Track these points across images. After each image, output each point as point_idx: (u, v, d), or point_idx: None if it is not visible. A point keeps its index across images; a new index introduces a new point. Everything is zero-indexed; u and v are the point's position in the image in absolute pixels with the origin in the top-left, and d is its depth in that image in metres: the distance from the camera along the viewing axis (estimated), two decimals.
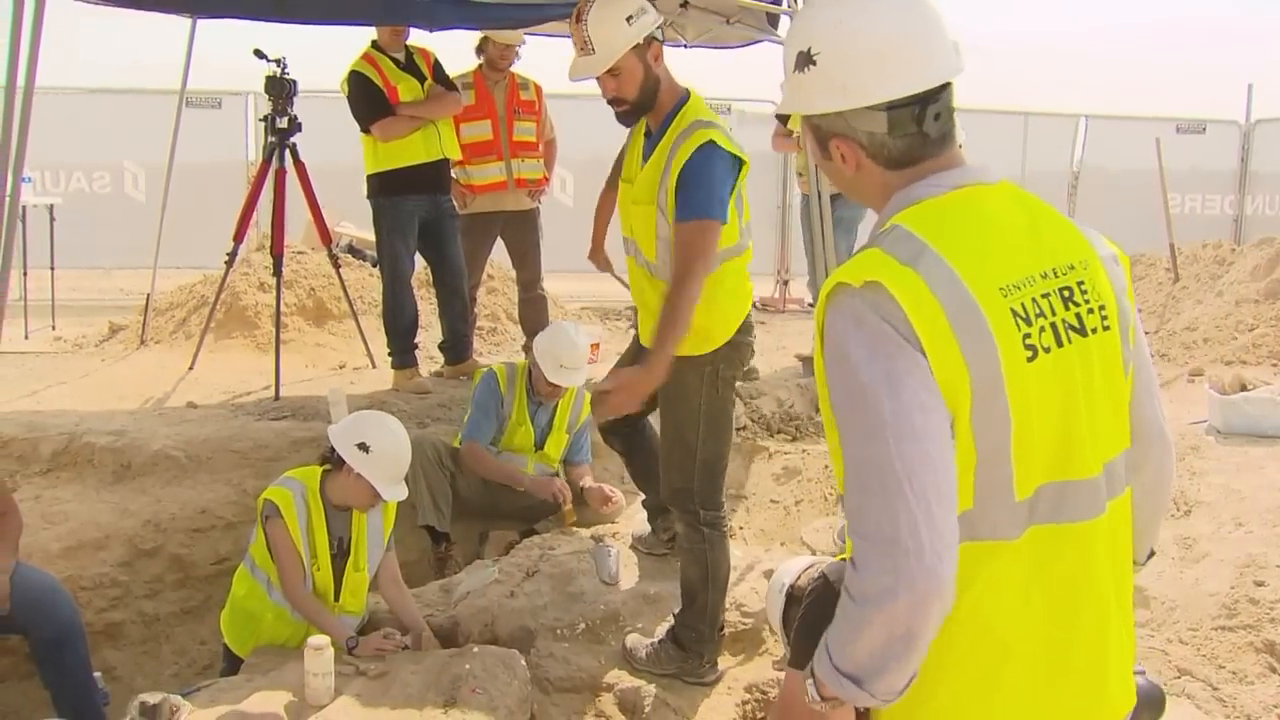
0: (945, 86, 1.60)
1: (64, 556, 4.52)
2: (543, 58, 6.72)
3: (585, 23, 3.30)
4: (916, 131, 1.59)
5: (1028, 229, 1.60)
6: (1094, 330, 1.59)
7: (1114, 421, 1.64)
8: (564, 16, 5.49)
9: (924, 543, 1.40)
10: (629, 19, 3.32)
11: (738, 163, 3.41)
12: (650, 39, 3.37)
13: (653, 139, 3.48)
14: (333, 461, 3.71)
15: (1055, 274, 1.58)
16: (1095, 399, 1.59)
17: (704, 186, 3.32)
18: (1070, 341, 1.56)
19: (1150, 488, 1.77)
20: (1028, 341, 1.51)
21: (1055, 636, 1.58)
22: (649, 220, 3.43)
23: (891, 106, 1.57)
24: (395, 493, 3.70)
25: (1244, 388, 6.04)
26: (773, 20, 5.80)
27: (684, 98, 3.48)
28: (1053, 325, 1.54)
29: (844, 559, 2.83)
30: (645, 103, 3.41)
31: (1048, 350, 1.53)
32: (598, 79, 3.38)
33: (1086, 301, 1.59)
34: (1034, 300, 1.53)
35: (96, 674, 3.89)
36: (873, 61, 1.56)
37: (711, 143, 3.33)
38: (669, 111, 3.44)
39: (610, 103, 3.42)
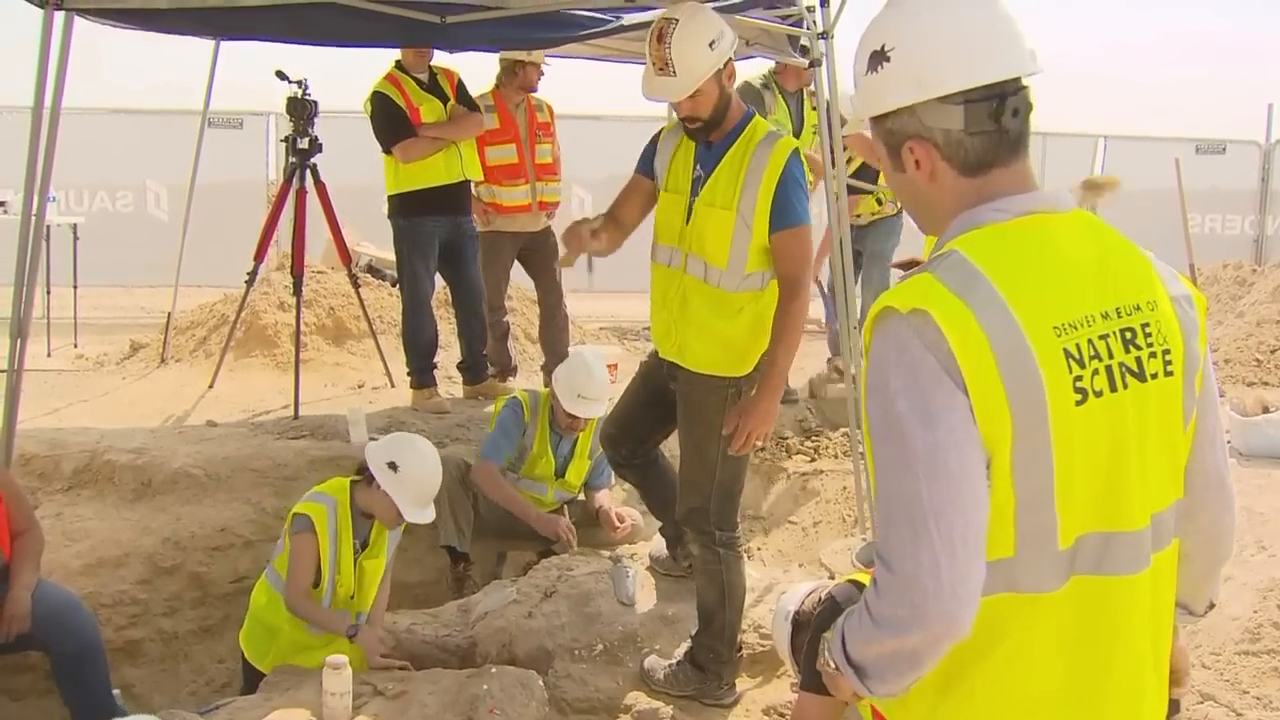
0: (1024, 87, 1.54)
1: (84, 574, 4.54)
2: (552, 80, 6.75)
3: (668, 45, 3.31)
4: (995, 129, 1.51)
5: (1095, 264, 1.52)
6: (1154, 376, 1.51)
7: (1167, 472, 1.56)
8: (586, 38, 5.54)
9: (944, 584, 1.38)
10: (711, 44, 3.34)
11: None
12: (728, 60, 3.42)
13: (714, 149, 3.50)
14: (364, 476, 3.78)
15: (1119, 314, 1.50)
16: (1147, 448, 1.51)
17: (802, 193, 3.44)
18: (1126, 386, 1.48)
19: (1207, 538, 1.68)
20: (1078, 384, 1.44)
21: (1087, 695, 1.52)
22: (724, 225, 3.43)
23: (969, 101, 1.50)
24: (419, 515, 3.77)
25: (1265, 409, 5.99)
26: (792, 41, 5.81)
27: (749, 114, 3.54)
28: (1108, 369, 1.47)
29: (850, 580, 2.84)
30: (716, 120, 3.45)
31: (1099, 394, 1.46)
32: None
33: (1149, 345, 1.51)
34: (1090, 341, 1.46)
35: (115, 691, 3.91)
36: (949, 50, 1.50)
37: (797, 151, 3.44)
38: (735, 125, 3.49)
39: (683, 119, 3.46)
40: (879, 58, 1.56)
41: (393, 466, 3.70)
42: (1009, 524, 1.44)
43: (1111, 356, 1.48)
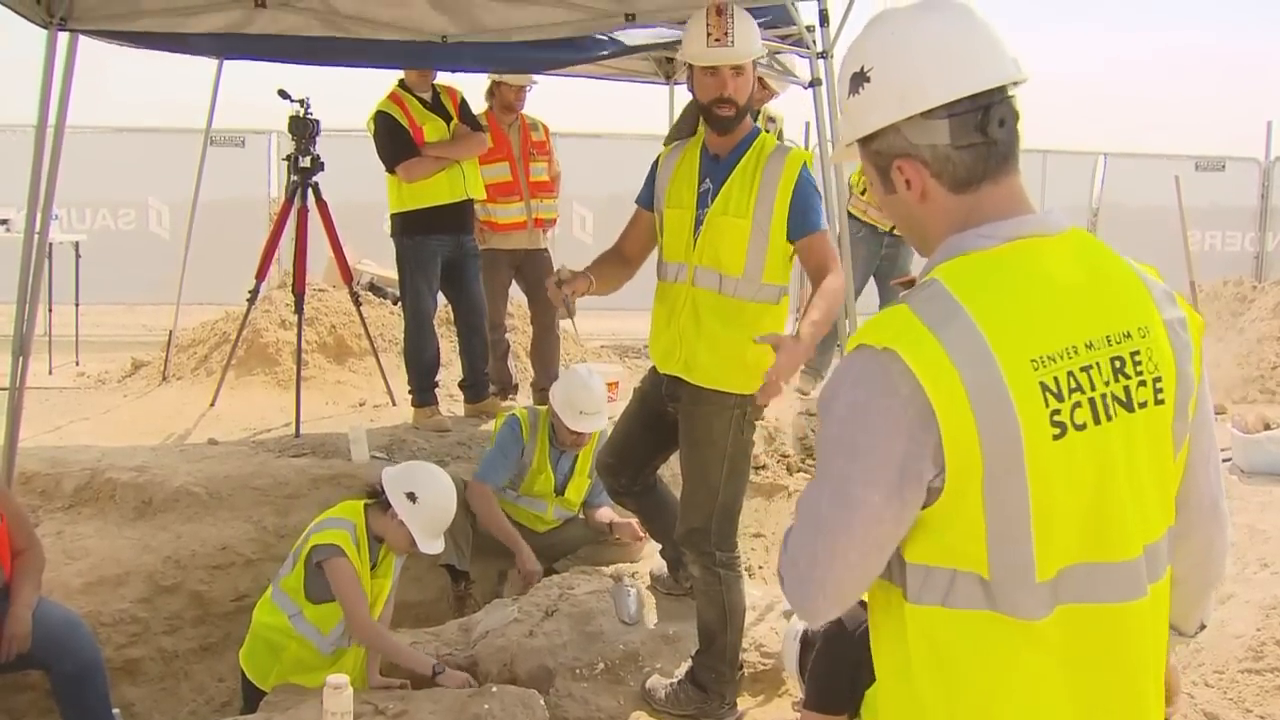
0: (1009, 96, 1.51)
1: (84, 592, 4.53)
2: (554, 98, 6.79)
3: (731, 15, 3.37)
4: (982, 141, 1.49)
5: (1084, 291, 1.50)
6: (1143, 405, 1.49)
7: (1158, 501, 1.54)
8: (588, 59, 5.57)
9: (814, 581, 1.51)
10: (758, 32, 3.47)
11: None
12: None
13: (722, 162, 3.52)
14: (379, 502, 3.78)
15: (1108, 342, 1.48)
16: (1138, 478, 1.50)
17: (819, 200, 3.51)
18: (1113, 417, 1.47)
19: (1199, 561, 1.68)
20: (1055, 419, 1.42)
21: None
22: (740, 233, 3.45)
23: (952, 114, 1.48)
24: (432, 546, 3.78)
25: (1267, 426, 5.98)
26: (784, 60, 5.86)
27: (756, 130, 3.58)
28: (1091, 400, 1.45)
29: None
30: (743, 114, 3.48)
31: (1081, 427, 1.44)
32: (711, 74, 3.41)
33: (1139, 374, 1.49)
34: (1070, 374, 1.44)
35: (115, 710, 3.89)
36: (929, 63, 1.49)
37: (807, 163, 3.49)
38: (744, 137, 3.52)
39: (718, 102, 3.43)
40: (859, 79, 1.55)
41: (411, 497, 3.71)
42: (980, 544, 1.44)
43: (1094, 388, 1.46)
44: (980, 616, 1.46)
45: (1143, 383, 1.50)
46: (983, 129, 1.49)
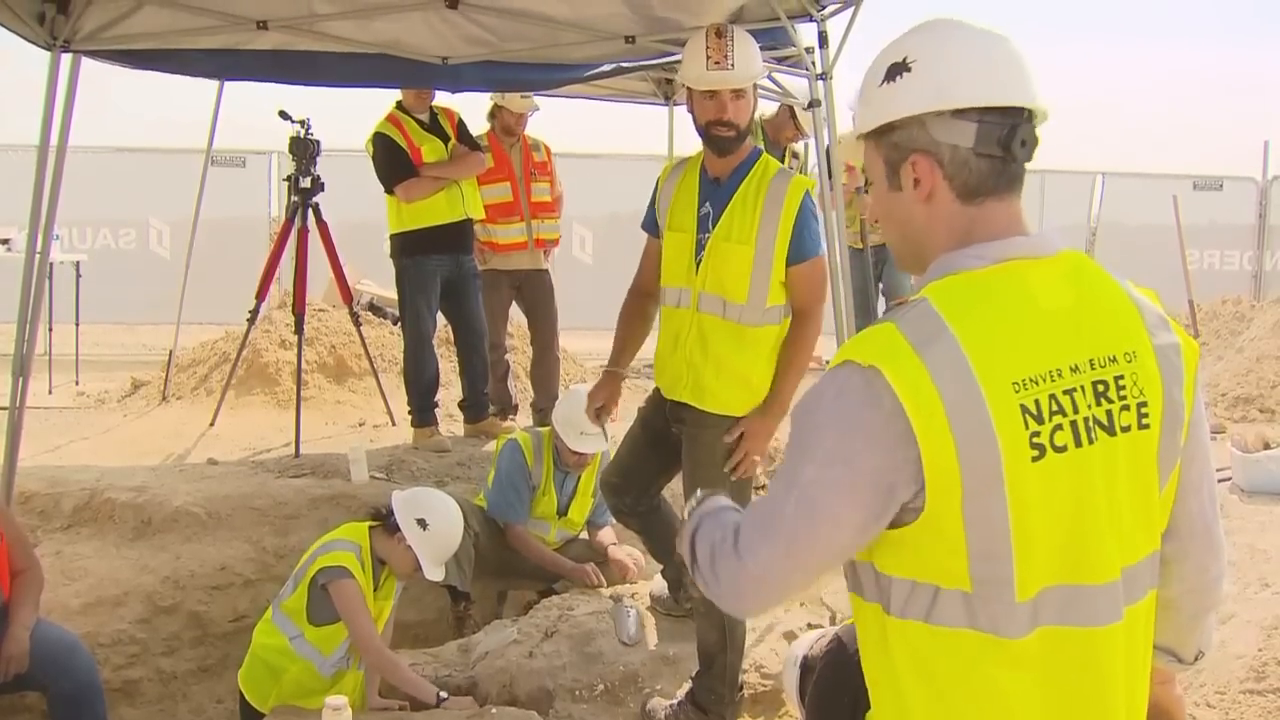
0: (1034, 123, 1.55)
1: (83, 613, 4.52)
2: (553, 119, 6.81)
3: (730, 38, 3.37)
4: (1001, 155, 1.51)
5: (1070, 314, 1.50)
6: (1125, 429, 1.50)
7: (1140, 526, 1.54)
8: (586, 79, 5.60)
9: (761, 587, 1.54)
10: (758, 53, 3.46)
11: None
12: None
13: (723, 186, 3.50)
14: (387, 525, 3.77)
15: (1092, 366, 1.48)
16: (1118, 502, 1.50)
17: (819, 226, 3.50)
18: (1094, 440, 1.47)
19: (1192, 586, 1.67)
20: (1035, 440, 1.43)
21: None
22: (744, 259, 3.44)
23: (983, 119, 1.50)
24: (436, 573, 3.78)
25: (1267, 445, 5.98)
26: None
27: (757, 151, 3.56)
28: (1072, 423, 1.46)
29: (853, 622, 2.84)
30: (744, 136, 3.47)
31: (1061, 449, 1.45)
32: (710, 96, 3.40)
33: (1122, 398, 1.50)
34: (1052, 396, 1.45)
35: None
36: (972, 64, 1.52)
37: (810, 191, 3.47)
38: (745, 159, 3.50)
39: (717, 125, 3.41)
40: (899, 69, 1.55)
41: (422, 524, 3.71)
42: (962, 561, 1.45)
43: (1077, 411, 1.47)
44: (962, 635, 1.47)
45: (1126, 407, 1.50)
46: (1006, 144, 1.51)
